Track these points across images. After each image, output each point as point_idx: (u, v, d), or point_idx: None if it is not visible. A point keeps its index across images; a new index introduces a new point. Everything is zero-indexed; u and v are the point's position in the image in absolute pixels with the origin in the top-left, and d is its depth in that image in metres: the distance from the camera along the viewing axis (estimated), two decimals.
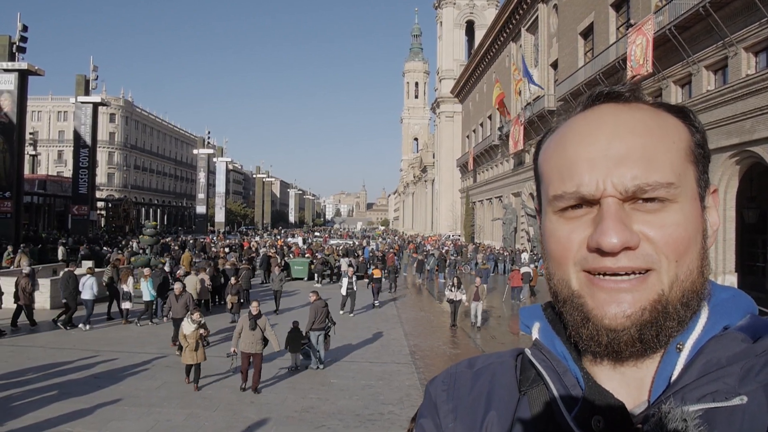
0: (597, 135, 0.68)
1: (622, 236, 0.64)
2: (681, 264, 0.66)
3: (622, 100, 0.72)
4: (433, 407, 0.84)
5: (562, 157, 0.71)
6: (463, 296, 17.15)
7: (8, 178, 32.61)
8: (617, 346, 0.66)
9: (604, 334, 0.66)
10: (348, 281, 19.13)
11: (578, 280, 0.69)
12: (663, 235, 0.65)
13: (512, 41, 48.25)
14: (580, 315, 0.68)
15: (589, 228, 0.67)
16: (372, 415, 9.47)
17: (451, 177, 76.19)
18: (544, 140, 0.78)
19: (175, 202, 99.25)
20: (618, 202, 0.65)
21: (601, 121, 0.70)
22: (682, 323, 0.67)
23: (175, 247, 36.14)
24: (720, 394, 0.61)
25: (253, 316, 10.38)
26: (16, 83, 32.85)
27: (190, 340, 10.12)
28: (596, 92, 0.73)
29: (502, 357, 0.84)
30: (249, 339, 10.22)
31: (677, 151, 0.68)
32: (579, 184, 0.67)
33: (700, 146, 0.71)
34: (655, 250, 0.65)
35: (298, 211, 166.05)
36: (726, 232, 19.30)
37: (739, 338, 0.64)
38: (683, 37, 20.27)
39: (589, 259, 0.67)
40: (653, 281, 0.65)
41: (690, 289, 0.67)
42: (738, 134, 18.09)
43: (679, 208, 0.66)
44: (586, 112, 0.73)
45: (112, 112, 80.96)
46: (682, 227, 0.66)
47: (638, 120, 0.68)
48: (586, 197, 0.67)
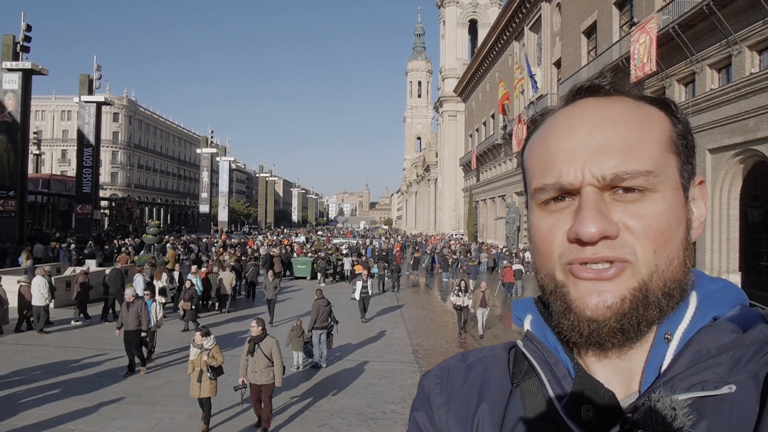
0: (577, 128, 0.69)
1: (600, 225, 0.64)
2: (661, 254, 0.66)
3: (603, 93, 0.72)
4: (426, 400, 0.84)
5: (543, 151, 0.72)
6: (470, 302, 16.03)
7: (12, 178, 32.75)
8: (598, 337, 0.67)
9: (586, 325, 0.67)
10: (362, 285, 18.10)
11: (562, 272, 0.69)
12: (643, 225, 0.65)
13: (515, 40, 48.17)
14: (562, 305, 0.69)
15: (570, 220, 0.68)
16: (374, 413, 9.49)
17: (454, 176, 76.10)
18: (529, 138, 0.78)
19: (178, 202, 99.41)
20: (597, 192, 0.66)
21: (581, 114, 0.70)
22: (663, 313, 0.67)
23: (178, 246, 36.17)
24: (709, 383, 0.61)
25: (252, 338, 8.64)
26: (20, 83, 33.00)
27: (195, 368, 8.49)
28: (577, 87, 0.74)
29: (495, 350, 0.85)
30: (251, 366, 8.48)
31: (657, 141, 0.69)
32: (559, 175, 0.68)
33: (682, 137, 0.72)
34: (635, 239, 0.65)
35: (301, 211, 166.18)
36: (729, 231, 19.23)
37: (729, 329, 0.65)
38: (687, 36, 20.20)
39: (571, 250, 0.67)
40: (633, 271, 0.66)
41: (671, 279, 0.67)
42: (742, 133, 18.03)
43: (659, 197, 0.67)
44: (568, 106, 0.73)
45: (115, 112, 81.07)
46: (663, 217, 0.66)
47: (618, 112, 0.69)
48: (565, 187, 0.68)
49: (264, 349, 8.48)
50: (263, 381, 8.41)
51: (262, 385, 8.40)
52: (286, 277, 29.64)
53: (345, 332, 14.72)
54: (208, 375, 8.27)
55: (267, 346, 8.56)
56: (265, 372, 8.37)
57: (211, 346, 8.46)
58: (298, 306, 19.40)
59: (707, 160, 19.62)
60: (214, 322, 16.94)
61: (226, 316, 18.09)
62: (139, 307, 11.46)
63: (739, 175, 19.07)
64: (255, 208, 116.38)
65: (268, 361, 8.45)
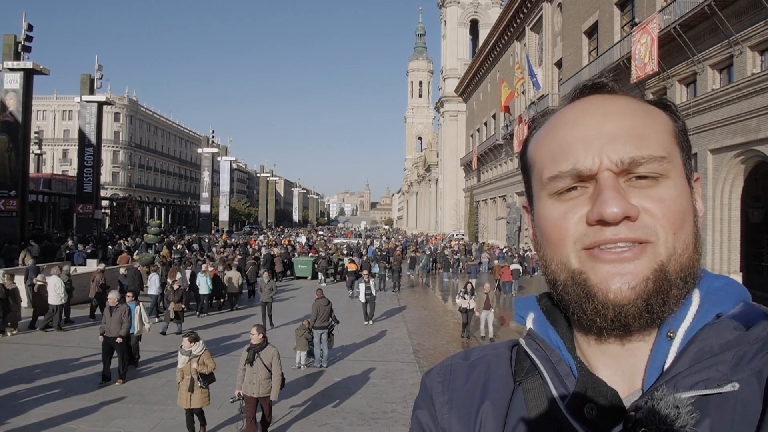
0: (588, 118, 0.70)
1: (623, 205, 0.64)
2: (678, 237, 0.67)
3: (608, 91, 0.74)
4: (429, 399, 0.84)
5: (554, 141, 0.72)
6: (475, 304, 15.59)
7: (13, 177, 32.75)
8: (624, 320, 0.66)
9: (611, 309, 0.66)
10: (366, 286, 17.57)
11: (578, 258, 0.69)
12: (662, 208, 0.66)
13: (516, 40, 48.17)
14: (583, 292, 0.68)
15: (586, 206, 0.68)
16: (375, 413, 9.49)
17: (455, 176, 76.09)
18: (530, 136, 0.79)
19: (179, 201, 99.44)
20: (614, 176, 0.67)
21: (590, 107, 0.72)
22: (681, 295, 0.67)
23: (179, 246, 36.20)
24: (712, 381, 0.61)
25: (252, 346, 8.01)
26: (21, 82, 32.99)
27: (184, 376, 7.88)
28: (581, 85, 0.75)
29: (498, 348, 0.85)
30: (249, 377, 7.86)
31: (665, 131, 0.71)
32: (575, 161, 0.68)
33: (683, 133, 0.74)
34: (655, 221, 0.66)
35: (302, 210, 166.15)
36: (731, 232, 19.22)
37: (732, 326, 0.65)
38: (688, 36, 20.19)
39: (590, 233, 0.67)
40: (654, 251, 0.66)
41: (687, 264, 0.67)
42: (743, 133, 18.02)
43: (671, 183, 0.68)
44: (574, 103, 0.75)
45: (116, 111, 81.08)
46: (678, 201, 0.67)
47: (625, 104, 0.71)
48: (583, 173, 0.68)
49: (264, 359, 7.86)
50: (261, 393, 7.79)
51: (260, 397, 7.81)
52: (287, 276, 29.68)
53: (346, 332, 14.72)
54: (199, 383, 7.69)
55: (268, 355, 7.93)
56: (264, 384, 7.80)
57: (200, 352, 7.88)
58: (298, 306, 19.39)
59: (708, 161, 19.60)
60: (217, 321, 16.98)
61: (228, 315, 18.11)
62: (123, 312, 10.68)
63: (740, 175, 19.06)
64: (256, 208, 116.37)
65: (267, 371, 7.83)
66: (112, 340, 10.50)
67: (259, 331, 8.09)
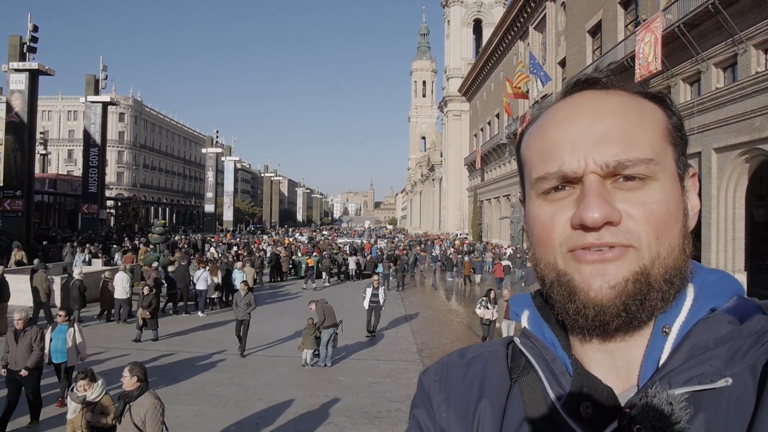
0: (577, 118, 0.70)
1: (604, 210, 0.65)
2: (662, 241, 0.67)
3: (600, 86, 0.73)
4: (426, 397, 0.85)
5: (543, 141, 0.73)
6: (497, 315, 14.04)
7: (19, 177, 32.90)
8: (603, 318, 0.67)
9: (591, 308, 0.67)
10: (372, 292, 15.56)
11: (564, 260, 0.70)
12: (644, 212, 0.66)
13: (520, 39, 48.07)
14: (567, 291, 0.69)
15: (572, 208, 0.68)
16: (379, 412, 9.50)
17: (458, 176, 75.97)
18: (525, 131, 0.79)
19: (183, 201, 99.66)
20: (599, 180, 0.67)
21: (581, 105, 0.72)
22: (665, 300, 0.67)
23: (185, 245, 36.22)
24: (706, 376, 0.61)
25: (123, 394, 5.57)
26: (26, 83, 33.12)
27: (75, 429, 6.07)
28: (574, 80, 0.75)
29: (493, 346, 0.85)
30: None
31: (655, 131, 0.70)
32: (561, 163, 0.69)
33: (677, 129, 0.73)
34: (638, 226, 0.66)
35: (306, 210, 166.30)
36: (735, 231, 19.14)
37: (726, 320, 0.65)
38: (692, 35, 20.11)
39: (574, 236, 0.68)
40: (637, 256, 0.66)
41: (672, 267, 0.68)
42: (747, 132, 17.94)
43: (659, 186, 0.68)
44: (566, 99, 0.75)
45: (121, 112, 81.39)
46: (663, 205, 0.67)
47: (616, 102, 0.70)
48: (568, 175, 0.68)
49: (135, 415, 5.29)
50: None
51: None
52: (291, 276, 29.72)
53: (349, 331, 14.73)
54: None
55: (141, 409, 5.33)
56: None
57: (97, 396, 6.02)
58: (297, 310, 19.35)
59: (713, 160, 19.53)
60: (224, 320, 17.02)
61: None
62: (34, 336, 8.08)
63: (744, 174, 18.98)
64: (260, 208, 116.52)
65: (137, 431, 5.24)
66: (16, 373, 7.98)
67: (133, 373, 5.52)
